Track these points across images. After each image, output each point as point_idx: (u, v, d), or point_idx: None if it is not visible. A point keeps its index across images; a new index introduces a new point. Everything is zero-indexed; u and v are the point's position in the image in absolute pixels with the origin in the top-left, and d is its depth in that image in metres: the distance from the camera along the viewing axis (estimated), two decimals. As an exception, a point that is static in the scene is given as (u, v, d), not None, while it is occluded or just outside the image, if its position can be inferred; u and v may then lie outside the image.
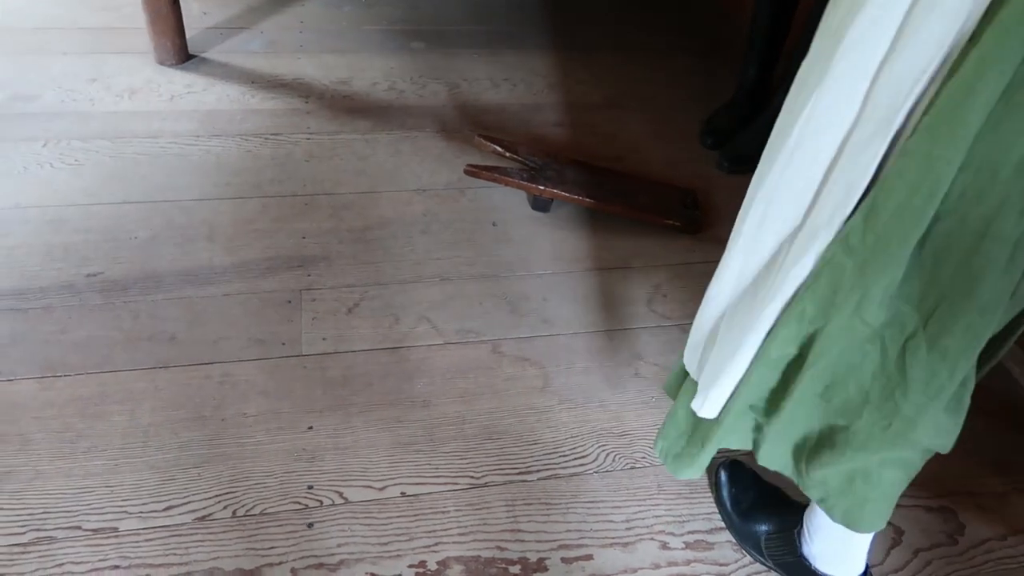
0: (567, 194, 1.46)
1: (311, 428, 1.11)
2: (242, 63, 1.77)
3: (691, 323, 1.33)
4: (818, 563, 0.96)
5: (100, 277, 1.27)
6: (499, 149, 1.56)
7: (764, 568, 1.03)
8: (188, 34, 1.76)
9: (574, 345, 1.28)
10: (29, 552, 0.94)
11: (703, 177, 1.64)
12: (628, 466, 1.12)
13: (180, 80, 1.69)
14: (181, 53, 1.74)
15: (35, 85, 1.62)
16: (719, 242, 1.49)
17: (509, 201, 1.51)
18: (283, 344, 1.21)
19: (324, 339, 1.23)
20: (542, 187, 1.46)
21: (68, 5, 1.86)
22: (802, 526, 0.98)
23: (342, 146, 1.59)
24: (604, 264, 1.42)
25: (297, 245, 1.38)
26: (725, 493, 1.08)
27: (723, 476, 1.10)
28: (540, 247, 1.43)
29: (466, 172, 1.49)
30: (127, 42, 1.76)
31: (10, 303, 1.21)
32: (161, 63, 1.73)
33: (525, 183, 1.47)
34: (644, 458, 1.13)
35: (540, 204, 1.49)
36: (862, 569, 0.94)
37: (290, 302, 1.28)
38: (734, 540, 1.06)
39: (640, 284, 1.39)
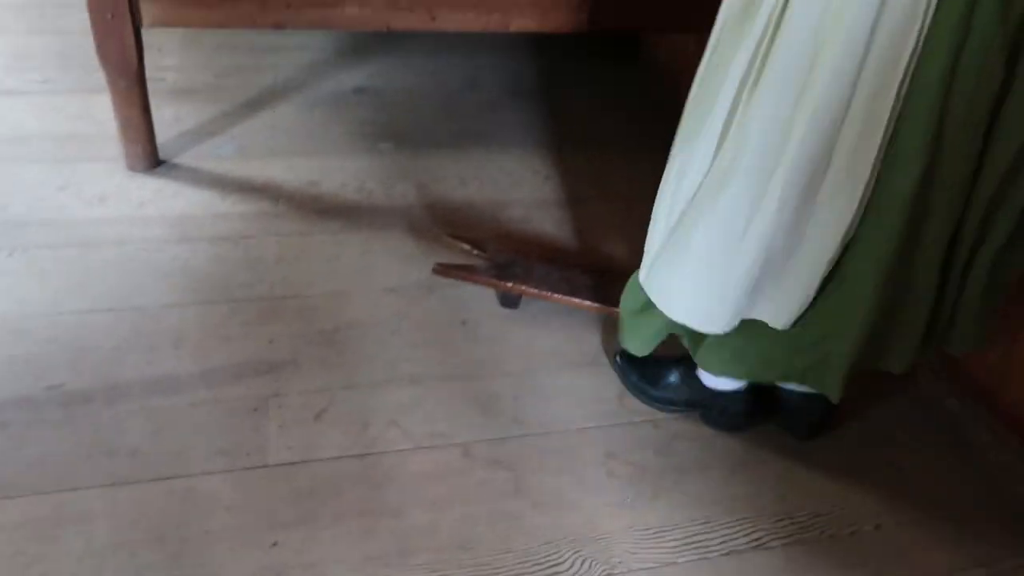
0: (536, 290, 1.47)
1: (276, 544, 1.07)
2: (213, 167, 1.79)
3: (664, 418, 1.33)
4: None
5: (61, 389, 1.25)
6: (467, 247, 1.58)
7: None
8: (159, 140, 1.78)
9: (546, 445, 1.26)
10: None
11: (670, 269, 1.66)
12: (605, 572, 1.09)
13: (150, 186, 1.71)
14: (152, 159, 1.76)
15: (4, 195, 1.63)
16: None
17: (478, 299, 1.51)
18: (248, 454, 1.19)
19: (290, 448, 1.21)
20: (511, 284, 1.48)
21: (40, 114, 1.88)
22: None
23: (312, 247, 1.60)
24: (574, 360, 1.42)
25: (265, 350, 1.36)
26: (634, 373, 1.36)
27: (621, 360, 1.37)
28: (510, 345, 1.44)
29: (435, 272, 1.51)
30: (98, 149, 1.78)
31: (-35, 420, 1.18)
32: (132, 169, 1.75)
33: (494, 281, 1.48)
34: (621, 563, 1.11)
35: (509, 301, 1.50)
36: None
37: (256, 409, 1.26)
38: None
39: (611, 379, 1.39)
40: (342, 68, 2.24)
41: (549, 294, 1.47)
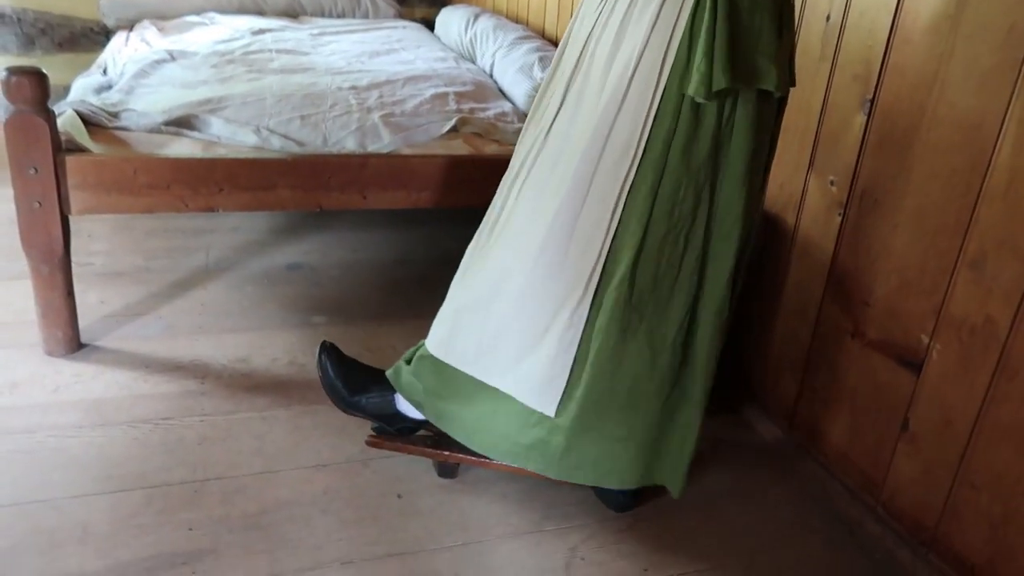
0: (474, 458, 1.42)
1: None
2: (137, 348, 1.74)
3: (613, 588, 1.25)
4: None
5: (-57, 599, 1.11)
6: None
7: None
8: (82, 323, 1.74)
9: (491, 627, 1.17)
10: None
11: (609, 429, 1.64)
12: None
13: (68, 370, 1.64)
14: (72, 343, 1.71)
15: (-95, 386, 1.53)
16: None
17: (414, 470, 1.45)
18: (157, 661, 1.06)
19: (206, 649, 1.08)
20: (448, 452, 1.43)
21: (-44, 303, 1.83)
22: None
23: (238, 426, 1.53)
24: (517, 528, 1.35)
25: (182, 539, 1.26)
26: (332, 370, 1.46)
27: (324, 357, 1.47)
28: (449, 517, 1.36)
29: (368, 443, 1.45)
30: (14, 335, 1.72)
31: None
32: (50, 354, 1.69)
33: (430, 450, 1.43)
34: None
35: (446, 470, 1.44)
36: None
37: (169, 608, 1.14)
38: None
39: (556, 548, 1.32)
40: (275, 246, 2.27)
41: (488, 461, 1.43)
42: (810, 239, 1.55)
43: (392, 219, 2.46)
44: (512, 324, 1.24)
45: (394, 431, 1.45)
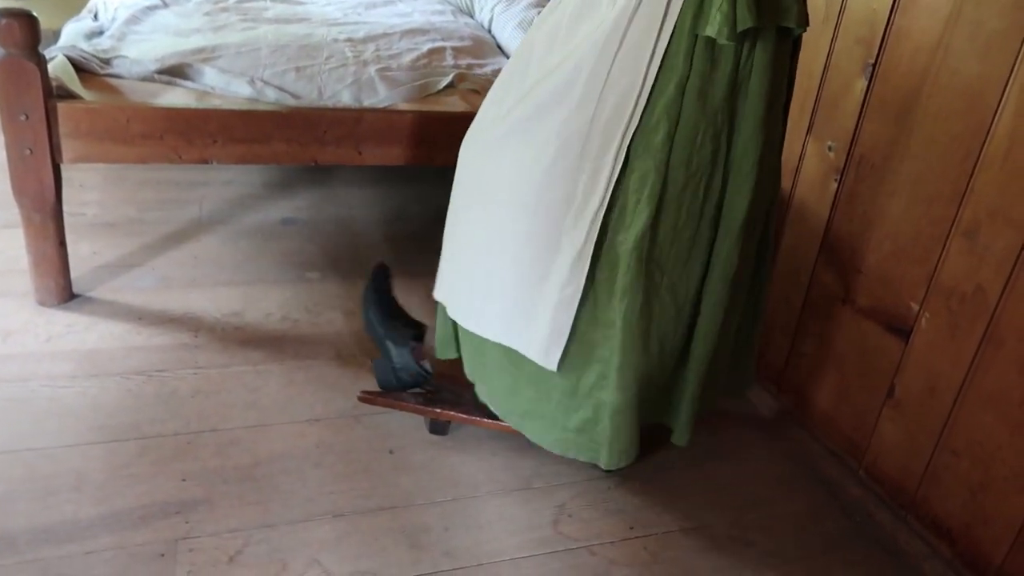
0: (464, 415, 1.44)
1: None
2: (130, 300, 1.74)
3: (600, 543, 1.28)
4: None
5: (-60, 543, 1.13)
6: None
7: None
8: (74, 274, 1.73)
9: (479, 579, 1.19)
10: None
11: (600, 389, 1.66)
12: None
13: (61, 320, 1.64)
14: (64, 293, 1.71)
15: (-103, 333, 1.53)
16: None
17: (406, 426, 1.47)
18: (151, 606, 1.08)
19: (200, 596, 1.11)
20: (439, 410, 1.44)
21: (-52, 250, 1.82)
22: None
23: (232, 379, 1.54)
24: (506, 486, 1.37)
25: (176, 489, 1.28)
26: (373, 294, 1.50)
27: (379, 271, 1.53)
28: (440, 473, 1.38)
29: (361, 399, 1.46)
30: (7, 284, 1.72)
31: None
32: (42, 304, 1.68)
33: (422, 407, 1.45)
34: None
35: (438, 427, 1.46)
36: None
37: (163, 555, 1.16)
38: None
39: (544, 505, 1.34)
40: (269, 200, 2.25)
41: (479, 419, 1.44)
42: (805, 205, 1.55)
43: (387, 175, 2.44)
44: (507, 276, 1.20)
45: (363, 392, 1.47)
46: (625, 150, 1.07)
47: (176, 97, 1.73)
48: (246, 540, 1.20)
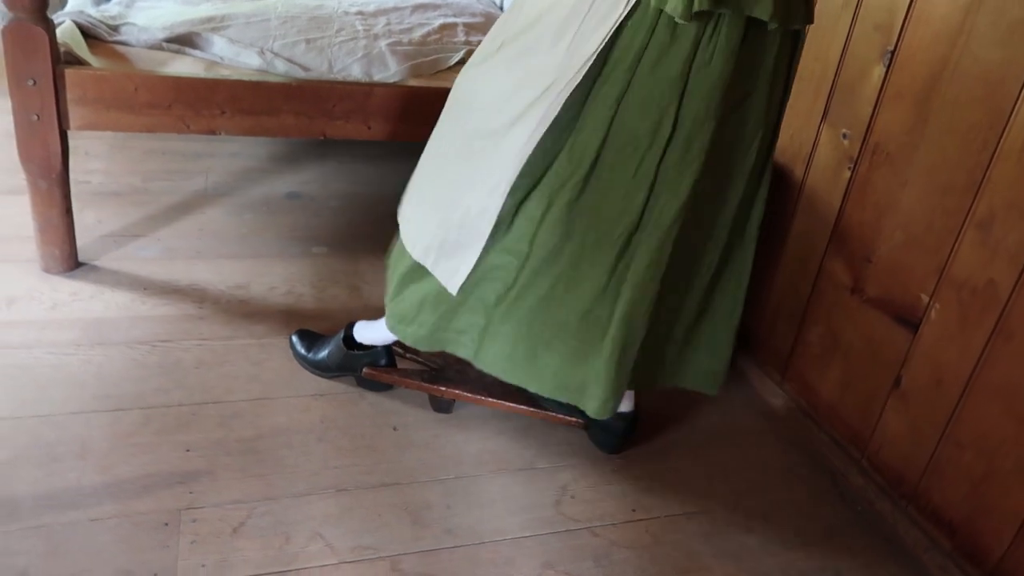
0: (469, 394, 1.44)
1: (180, 677, 0.96)
2: (135, 270, 1.73)
3: (602, 524, 1.28)
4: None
5: (-56, 506, 1.13)
6: (399, 350, 1.55)
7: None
8: (80, 242, 1.72)
9: (480, 556, 1.20)
10: None
11: (604, 372, 1.66)
12: None
13: (65, 288, 1.63)
14: (70, 261, 1.70)
15: (-99, 296, 1.53)
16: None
17: (410, 403, 1.47)
18: (155, 574, 1.08)
19: (203, 566, 1.11)
20: (443, 388, 1.44)
21: (-48, 215, 1.81)
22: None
23: (235, 352, 1.54)
24: (509, 466, 1.38)
25: (179, 459, 1.28)
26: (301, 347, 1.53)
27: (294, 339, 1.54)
28: (443, 451, 1.38)
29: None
30: (12, 250, 1.71)
31: None
32: (47, 271, 1.68)
33: (426, 384, 1.45)
34: None
35: (442, 405, 1.46)
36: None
37: (167, 524, 1.16)
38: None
39: (547, 486, 1.34)
40: (275, 174, 2.24)
41: (482, 398, 1.44)
42: (817, 192, 1.54)
43: (394, 151, 2.43)
44: (428, 186, 1.28)
45: (366, 367, 1.46)
46: (580, 105, 1.11)
47: (184, 66, 1.71)
48: (249, 512, 1.20)
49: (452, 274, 1.23)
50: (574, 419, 1.45)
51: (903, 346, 1.34)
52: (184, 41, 1.78)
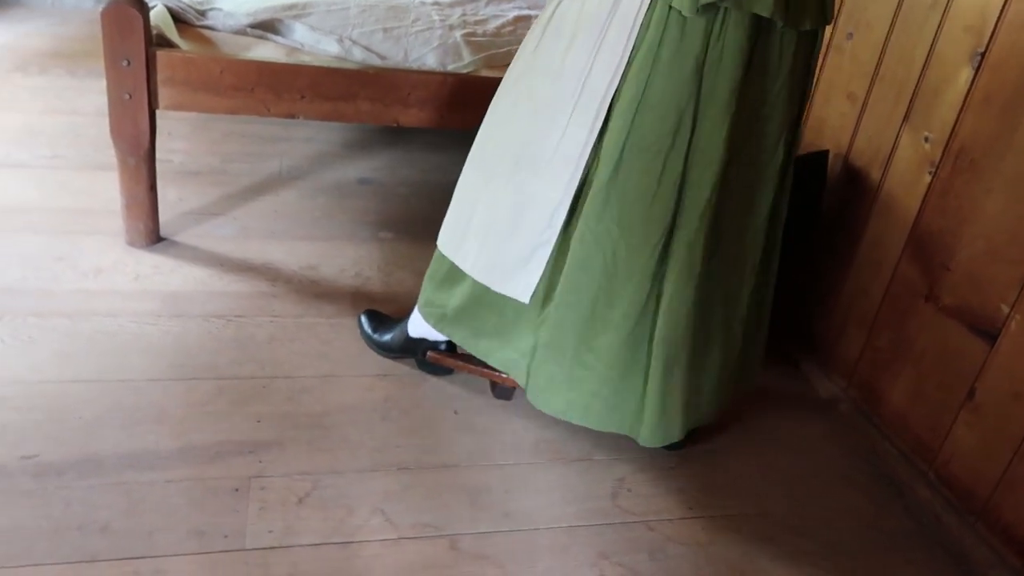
0: (530, 383, 1.45)
1: (247, 635, 1.00)
2: (212, 247, 1.80)
3: (658, 519, 1.29)
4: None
5: (35, 460, 1.20)
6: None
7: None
8: (162, 218, 1.80)
9: (536, 541, 1.21)
10: None
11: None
12: None
13: (148, 261, 1.71)
14: (153, 235, 1.77)
15: (1, 262, 1.62)
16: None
17: (472, 388, 1.49)
18: (225, 537, 1.13)
19: (270, 532, 1.15)
20: (504, 375, 1.46)
21: (46, 187, 1.90)
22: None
23: (305, 330, 1.59)
24: (567, 456, 1.39)
25: (251, 429, 1.33)
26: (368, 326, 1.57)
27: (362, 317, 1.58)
28: (502, 437, 1.40)
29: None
30: (100, 224, 1.79)
31: (-69, 487, 1.13)
32: (132, 244, 1.76)
33: (488, 370, 1.46)
34: (612, 672, 1.04)
35: (503, 392, 1.48)
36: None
37: (237, 490, 1.21)
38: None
39: (604, 477, 1.35)
40: (347, 159, 2.29)
41: (543, 387, 1.45)
42: (894, 196, 1.50)
43: (464, 141, 2.45)
44: (487, 212, 1.27)
45: (430, 351, 1.49)
46: (606, 108, 1.12)
47: (266, 51, 1.77)
48: (314, 484, 1.24)
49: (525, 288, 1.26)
50: (633, 413, 1.45)
51: (979, 357, 1.31)
52: (267, 27, 1.83)
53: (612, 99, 1.12)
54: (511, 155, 1.22)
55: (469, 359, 1.49)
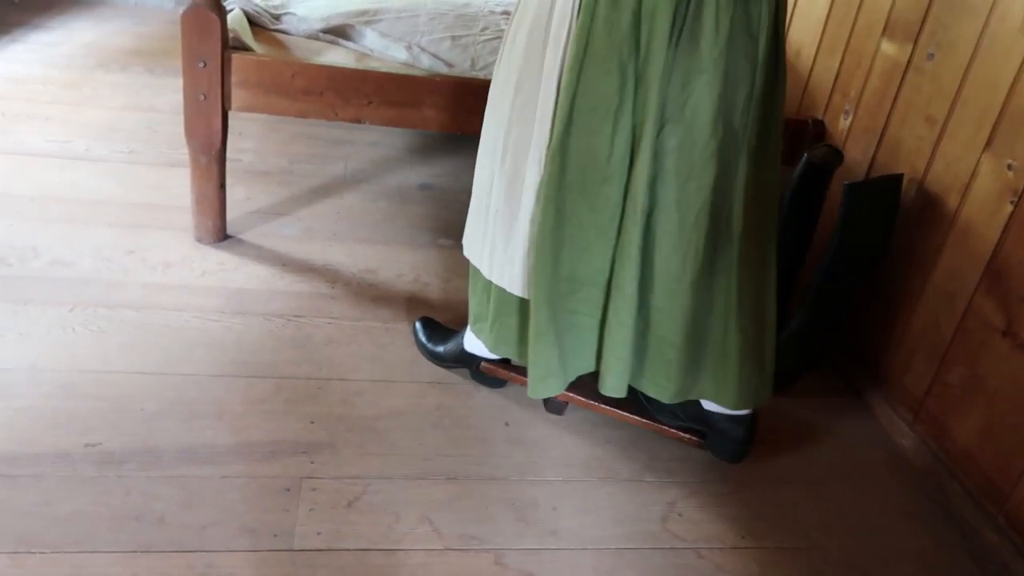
0: (583, 398, 1.44)
1: (292, 636, 1.01)
2: (275, 246, 1.83)
3: (708, 547, 1.25)
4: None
5: (98, 448, 1.24)
6: (517, 348, 1.57)
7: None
8: (229, 216, 1.84)
9: (582, 562, 1.20)
10: None
11: (721, 391, 1.62)
12: None
13: (214, 258, 1.75)
14: (219, 233, 1.82)
15: (75, 252, 1.68)
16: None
17: (524, 401, 1.48)
18: (275, 536, 1.14)
19: (319, 534, 1.16)
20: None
21: (122, 182, 1.97)
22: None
23: (362, 333, 1.60)
24: (617, 475, 1.37)
25: (305, 430, 1.34)
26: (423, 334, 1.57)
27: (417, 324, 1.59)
28: (553, 452, 1.39)
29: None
30: (170, 219, 1.85)
31: (1, 468, 1.17)
32: (199, 241, 1.80)
33: (541, 384, 1.45)
34: None
35: (555, 407, 1.47)
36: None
37: (289, 490, 1.22)
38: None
39: (654, 500, 1.33)
40: (409, 165, 2.31)
41: (596, 404, 1.44)
42: (972, 225, 1.44)
43: (524, 151, 2.45)
44: (490, 211, 1.30)
45: (484, 361, 1.48)
46: (558, 76, 1.14)
47: (337, 56, 1.80)
48: (364, 488, 1.25)
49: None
50: (688, 435, 1.43)
51: (1059, 399, 1.24)
52: (338, 32, 1.87)
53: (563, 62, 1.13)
54: (500, 145, 1.25)
55: (522, 371, 1.48)
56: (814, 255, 1.73)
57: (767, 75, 1.14)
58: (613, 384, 1.28)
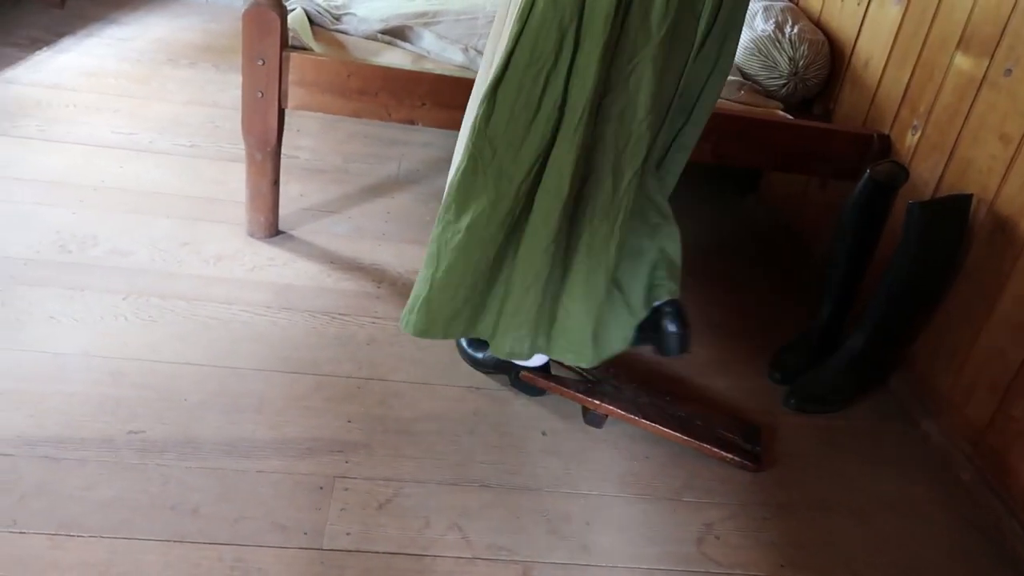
0: (623, 412, 1.41)
1: (315, 636, 1.01)
2: (325, 244, 1.85)
3: (744, 573, 1.21)
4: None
5: (141, 436, 1.26)
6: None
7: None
8: (282, 212, 1.87)
9: (613, 580, 1.17)
10: None
11: (768, 412, 1.57)
12: None
13: (265, 253, 1.78)
14: (272, 228, 1.85)
15: (133, 242, 1.73)
16: (780, 484, 1.39)
17: (562, 411, 1.46)
18: (305, 534, 1.15)
19: (348, 534, 1.16)
20: (598, 401, 1.42)
21: (181, 175, 2.02)
22: None
23: (404, 334, 1.59)
24: (654, 492, 1.33)
25: (342, 428, 1.35)
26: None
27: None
28: (589, 464, 1.37)
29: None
30: (225, 213, 1.88)
31: (47, 451, 1.20)
32: (252, 235, 1.83)
33: (581, 395, 1.43)
34: None
35: (594, 419, 1.44)
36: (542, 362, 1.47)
37: (322, 488, 1.23)
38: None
39: (691, 520, 1.29)
40: (462, 167, 2.31)
41: (636, 418, 1.41)
42: (1046, 251, 1.36)
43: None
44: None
45: (524, 369, 1.47)
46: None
47: (394, 57, 1.81)
48: (396, 491, 1.25)
49: None
50: (730, 456, 1.38)
51: None
52: (397, 34, 1.88)
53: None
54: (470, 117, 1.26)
55: (562, 381, 1.46)
56: (875, 274, 1.67)
57: (699, 58, 1.19)
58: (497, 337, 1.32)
